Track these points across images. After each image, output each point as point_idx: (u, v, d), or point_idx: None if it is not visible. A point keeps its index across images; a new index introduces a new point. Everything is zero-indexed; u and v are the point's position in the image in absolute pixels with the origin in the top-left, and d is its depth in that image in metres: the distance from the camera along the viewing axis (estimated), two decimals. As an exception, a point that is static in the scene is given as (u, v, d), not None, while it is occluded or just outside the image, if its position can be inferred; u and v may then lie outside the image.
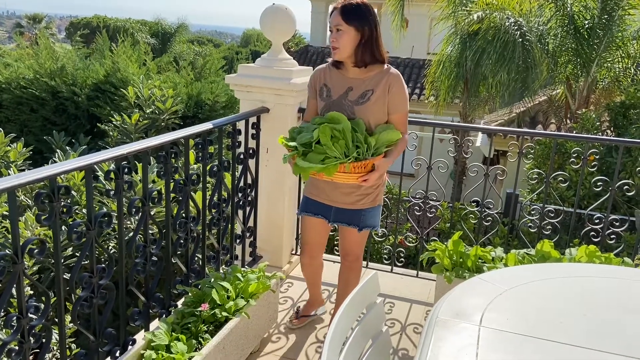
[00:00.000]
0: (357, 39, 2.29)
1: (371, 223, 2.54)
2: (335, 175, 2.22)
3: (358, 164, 2.23)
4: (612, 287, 1.70)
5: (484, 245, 3.20)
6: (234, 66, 17.27)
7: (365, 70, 2.36)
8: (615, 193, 3.09)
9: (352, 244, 2.64)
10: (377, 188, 2.50)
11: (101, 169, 3.54)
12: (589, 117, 6.28)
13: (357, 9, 2.29)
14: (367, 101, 2.33)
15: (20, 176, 1.59)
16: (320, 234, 2.71)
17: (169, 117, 7.10)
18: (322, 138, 2.20)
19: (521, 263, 2.79)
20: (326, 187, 2.49)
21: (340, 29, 2.28)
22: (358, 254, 2.68)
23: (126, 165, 2.01)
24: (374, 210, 2.53)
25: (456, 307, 1.49)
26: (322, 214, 2.57)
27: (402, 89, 2.37)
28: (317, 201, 2.56)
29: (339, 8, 2.30)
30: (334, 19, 2.30)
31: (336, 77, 2.42)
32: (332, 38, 2.31)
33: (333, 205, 2.52)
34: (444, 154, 3.75)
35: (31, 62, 9.36)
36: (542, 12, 8.34)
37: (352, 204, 2.48)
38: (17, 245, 1.61)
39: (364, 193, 2.46)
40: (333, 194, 2.49)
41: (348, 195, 2.46)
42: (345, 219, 2.52)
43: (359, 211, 2.49)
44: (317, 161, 2.20)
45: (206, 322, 2.33)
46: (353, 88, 2.36)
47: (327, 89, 2.42)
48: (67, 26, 31.32)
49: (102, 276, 1.97)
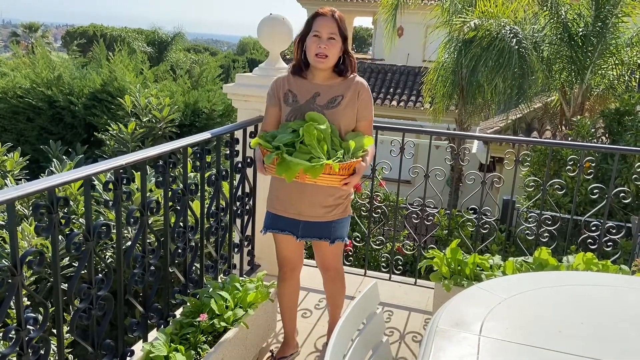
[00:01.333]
0: (342, 49, 2.29)
1: (341, 234, 2.43)
2: (319, 177, 2.11)
3: (344, 164, 2.14)
4: (609, 295, 1.71)
5: (482, 253, 3.21)
6: (231, 74, 17.31)
7: (332, 77, 2.34)
8: (611, 200, 3.11)
9: (329, 257, 2.53)
10: (346, 198, 2.41)
11: (99, 179, 3.54)
12: (584, 124, 6.32)
13: (343, 21, 2.30)
14: (337, 106, 2.29)
15: (20, 188, 1.59)
16: (293, 251, 2.55)
17: (166, 125, 7.10)
18: (307, 138, 2.12)
19: (519, 271, 2.79)
20: (293, 200, 2.37)
21: (334, 39, 2.25)
22: (337, 267, 2.59)
23: (125, 176, 2.01)
24: (344, 221, 2.44)
25: (456, 317, 1.49)
26: (289, 229, 2.42)
27: (370, 97, 2.38)
28: (283, 216, 2.42)
29: (335, 17, 2.26)
30: (328, 26, 2.24)
31: (301, 83, 2.36)
32: (322, 46, 2.24)
33: (301, 220, 2.39)
34: (441, 161, 3.76)
35: (28, 72, 9.36)
36: (537, 20, 8.41)
37: (322, 216, 2.37)
38: (16, 256, 1.61)
39: (334, 204, 2.37)
40: (301, 207, 2.36)
41: (318, 208, 2.35)
42: (315, 233, 2.39)
43: (329, 223, 2.38)
44: (303, 161, 2.09)
45: (205, 333, 2.33)
46: (320, 93, 2.32)
47: (292, 94, 2.35)
48: (64, 35, 31.37)
49: (101, 287, 1.97)
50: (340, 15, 2.29)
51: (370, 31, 32.30)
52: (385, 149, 3.56)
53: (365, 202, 4.72)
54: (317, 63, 2.27)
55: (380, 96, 14.34)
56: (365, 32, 38.54)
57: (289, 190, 2.35)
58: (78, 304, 1.91)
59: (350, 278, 3.62)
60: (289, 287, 2.63)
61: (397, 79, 14.90)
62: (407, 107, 13.91)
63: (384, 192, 5.84)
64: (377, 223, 5.08)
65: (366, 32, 38.29)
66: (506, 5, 8.05)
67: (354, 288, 3.47)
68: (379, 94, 14.45)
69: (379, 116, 13.06)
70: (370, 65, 15.58)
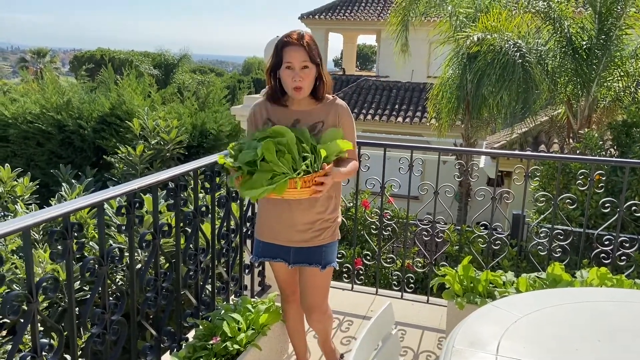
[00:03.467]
0: (316, 74, 2.19)
1: (331, 259, 2.36)
2: (286, 192, 2.02)
3: (308, 177, 2.04)
4: (625, 312, 1.69)
5: (494, 269, 3.18)
6: (237, 95, 17.46)
7: (310, 102, 2.26)
8: (623, 213, 3.09)
9: (315, 293, 2.39)
10: (334, 222, 2.35)
11: (109, 203, 3.56)
12: (592, 137, 6.30)
13: (314, 42, 2.18)
14: (318, 134, 2.20)
15: (35, 215, 1.61)
16: (291, 275, 2.46)
17: (174, 147, 7.16)
18: (267, 155, 2.02)
19: (533, 287, 2.77)
20: (281, 227, 2.31)
21: (307, 67, 2.13)
22: (324, 308, 2.44)
23: (137, 200, 2.03)
24: (333, 245, 2.37)
25: (471, 336, 1.48)
26: (280, 256, 2.36)
27: (351, 119, 2.31)
28: (273, 243, 2.36)
29: (303, 44, 2.13)
30: (299, 56, 2.12)
31: (279, 111, 2.27)
32: (297, 77, 2.12)
33: (292, 246, 2.32)
34: (449, 177, 3.76)
35: (37, 97, 9.51)
36: (540, 34, 8.45)
37: (310, 241, 2.30)
38: (32, 283, 1.62)
39: (322, 227, 2.30)
40: (289, 233, 2.30)
41: (305, 232, 2.29)
42: (305, 259, 2.32)
43: (319, 248, 2.32)
44: (265, 180, 2.01)
45: (218, 356, 2.32)
46: (300, 120, 2.24)
47: (271, 123, 2.25)
48: (71, 59, 31.86)
49: (114, 312, 1.97)
50: (309, 38, 2.16)
51: (373, 48, 32.55)
52: (394, 166, 3.57)
53: (375, 220, 4.72)
54: (295, 95, 2.19)
55: (385, 113, 14.40)
56: (369, 49, 38.86)
57: (277, 217, 2.30)
58: (91, 329, 1.92)
59: (362, 297, 3.60)
60: (292, 309, 2.56)
61: (402, 95, 14.97)
62: (412, 123, 13.94)
63: (392, 209, 5.83)
64: (387, 240, 5.07)
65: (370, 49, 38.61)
66: (509, 20, 8.10)
67: (366, 307, 3.45)
68: (385, 110, 14.51)
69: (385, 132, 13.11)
70: (375, 82, 15.67)
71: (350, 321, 3.30)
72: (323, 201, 2.29)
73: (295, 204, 2.25)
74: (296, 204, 2.25)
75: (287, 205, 2.26)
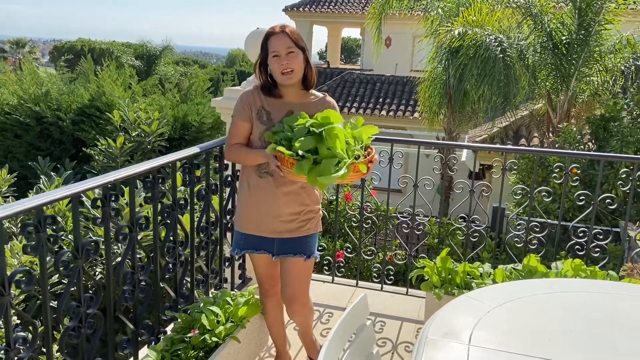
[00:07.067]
0: (305, 59, 2.26)
1: (314, 250, 2.39)
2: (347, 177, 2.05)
3: (365, 160, 2.09)
4: (598, 302, 1.73)
5: (472, 260, 3.22)
6: (220, 87, 17.33)
7: (303, 95, 2.32)
8: (598, 206, 3.15)
9: (297, 283, 2.39)
10: (317, 212, 2.39)
11: (87, 195, 3.52)
12: (571, 131, 6.39)
13: (297, 32, 2.27)
14: None
15: (7, 207, 1.58)
16: (272, 268, 2.47)
17: (155, 139, 7.10)
18: (330, 142, 2.02)
19: (509, 278, 2.81)
20: (265, 218, 2.32)
21: (293, 52, 2.20)
22: (305, 300, 2.44)
23: (113, 193, 2.01)
24: (316, 236, 2.41)
25: (445, 326, 1.50)
26: (264, 248, 2.37)
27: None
28: (256, 235, 2.37)
29: (286, 32, 2.22)
30: (283, 43, 2.20)
31: (273, 102, 2.30)
32: (284, 62, 2.19)
33: (276, 237, 2.34)
34: (430, 170, 3.79)
35: (15, 88, 9.34)
36: (521, 29, 8.52)
37: (296, 231, 2.33)
38: (4, 276, 1.60)
39: (307, 218, 2.34)
40: (274, 224, 2.32)
41: (291, 223, 2.31)
42: (290, 249, 2.34)
43: (304, 238, 2.35)
44: (332, 167, 2.00)
45: (196, 348, 2.31)
46: (294, 112, 2.26)
47: (266, 112, 2.28)
48: (51, 50, 31.29)
49: (90, 305, 1.95)
50: (292, 29, 2.26)
51: (358, 42, 32.53)
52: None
53: (356, 213, 4.74)
54: (285, 80, 2.23)
55: (370, 106, 14.42)
56: (353, 42, 38.81)
57: (260, 209, 2.31)
58: (67, 323, 1.90)
59: (342, 289, 3.63)
60: (271, 303, 2.57)
61: (386, 88, 15.00)
62: (396, 117, 13.99)
63: (374, 202, 5.86)
64: (368, 233, 5.10)
65: (354, 42, 38.57)
66: (490, 14, 8.16)
67: (346, 299, 3.47)
68: (369, 104, 14.53)
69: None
70: (359, 75, 15.68)
71: (331, 313, 3.32)
72: (308, 191, 2.33)
73: (281, 195, 2.28)
74: (282, 195, 2.28)
75: (272, 196, 2.28)
